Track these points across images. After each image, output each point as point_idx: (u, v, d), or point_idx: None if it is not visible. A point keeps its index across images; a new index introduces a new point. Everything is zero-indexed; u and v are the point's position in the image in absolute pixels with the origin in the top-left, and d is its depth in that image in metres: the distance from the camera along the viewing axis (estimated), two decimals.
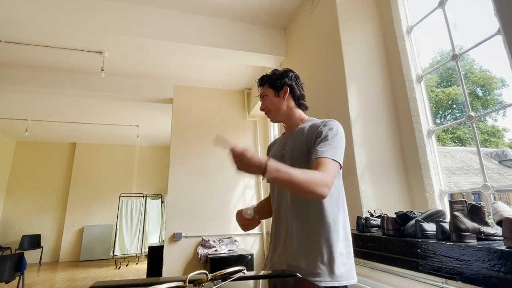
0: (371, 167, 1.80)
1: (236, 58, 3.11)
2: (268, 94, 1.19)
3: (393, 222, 1.32)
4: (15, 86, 3.73)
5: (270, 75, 1.22)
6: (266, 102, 1.20)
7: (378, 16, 2.13)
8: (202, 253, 3.66)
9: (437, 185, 1.64)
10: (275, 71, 1.22)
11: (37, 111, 5.25)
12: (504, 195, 1.68)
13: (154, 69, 3.91)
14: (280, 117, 1.20)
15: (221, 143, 0.94)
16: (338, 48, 2.03)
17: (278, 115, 1.19)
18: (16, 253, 3.60)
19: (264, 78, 1.22)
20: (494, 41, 1.35)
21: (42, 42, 3.20)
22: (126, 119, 5.90)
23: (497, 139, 1.96)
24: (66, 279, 5.09)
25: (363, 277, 1.56)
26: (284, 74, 1.20)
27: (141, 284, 0.62)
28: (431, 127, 1.74)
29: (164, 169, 8.14)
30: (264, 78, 1.22)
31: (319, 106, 2.27)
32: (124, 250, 6.59)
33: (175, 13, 2.84)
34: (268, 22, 3.07)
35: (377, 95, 1.96)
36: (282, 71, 1.22)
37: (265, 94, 1.20)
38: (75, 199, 7.42)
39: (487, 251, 0.89)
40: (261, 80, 1.23)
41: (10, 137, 7.19)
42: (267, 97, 1.20)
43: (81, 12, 2.56)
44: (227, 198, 4.11)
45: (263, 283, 0.69)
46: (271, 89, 1.19)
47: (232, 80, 4.28)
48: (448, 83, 2.24)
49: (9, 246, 6.71)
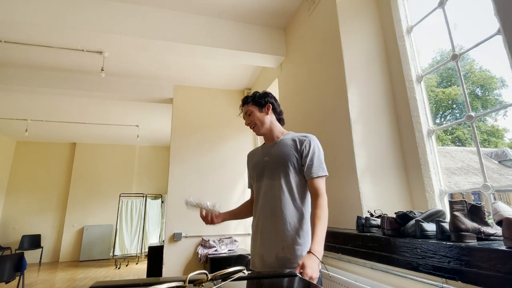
0: (371, 167, 1.80)
1: (236, 58, 3.11)
2: (253, 110, 1.38)
3: (393, 222, 1.32)
4: (15, 86, 3.73)
5: (253, 95, 1.40)
6: (252, 117, 1.37)
7: (378, 16, 2.13)
8: (202, 253, 3.66)
9: (437, 185, 1.64)
10: (256, 93, 1.41)
11: (37, 111, 5.25)
12: (504, 195, 1.67)
13: (154, 69, 3.91)
14: (264, 130, 1.38)
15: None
16: (338, 48, 2.03)
17: (262, 128, 1.37)
18: (16, 253, 3.60)
19: (248, 98, 1.41)
20: (494, 41, 1.35)
21: (42, 42, 3.19)
22: (126, 119, 5.90)
23: (497, 139, 1.96)
24: (66, 279, 5.09)
25: (363, 277, 1.56)
26: (265, 94, 1.40)
27: (141, 284, 0.62)
28: (431, 127, 1.74)
29: (164, 169, 8.14)
30: (248, 98, 1.41)
31: (319, 106, 2.27)
32: (124, 250, 6.59)
33: (175, 13, 2.84)
34: (268, 22, 3.06)
35: (377, 95, 1.96)
36: (263, 92, 1.41)
37: (251, 111, 1.38)
38: (75, 199, 7.42)
39: (487, 251, 0.89)
40: (245, 99, 1.41)
41: (10, 137, 7.18)
42: (252, 113, 1.38)
43: (81, 12, 2.56)
44: (227, 198, 4.11)
45: (263, 283, 0.69)
46: (255, 106, 1.38)
47: (232, 80, 4.28)
48: (448, 83, 2.24)
49: (9, 246, 6.71)
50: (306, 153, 1.27)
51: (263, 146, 1.45)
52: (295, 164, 1.28)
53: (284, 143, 1.33)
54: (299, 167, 1.28)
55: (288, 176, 1.27)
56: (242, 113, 1.43)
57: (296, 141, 1.31)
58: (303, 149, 1.28)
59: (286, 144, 1.33)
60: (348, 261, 1.69)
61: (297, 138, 1.33)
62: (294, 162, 1.28)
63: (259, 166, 1.37)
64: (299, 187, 1.26)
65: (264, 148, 1.41)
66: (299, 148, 1.29)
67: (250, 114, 1.38)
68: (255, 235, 1.32)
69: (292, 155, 1.28)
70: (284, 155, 1.29)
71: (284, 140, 1.35)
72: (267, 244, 1.23)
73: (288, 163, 1.27)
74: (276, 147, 1.34)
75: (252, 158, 1.46)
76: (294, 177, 1.27)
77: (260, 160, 1.37)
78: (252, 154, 1.50)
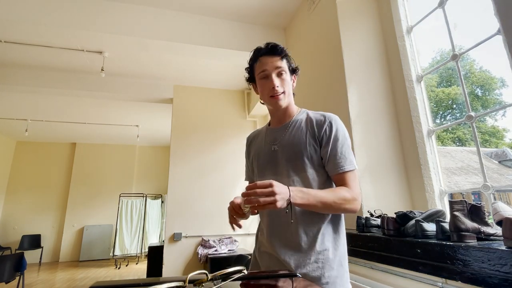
0: (371, 167, 1.80)
1: (236, 58, 3.11)
2: (286, 71, 1.00)
3: (393, 222, 1.32)
4: (15, 86, 3.73)
5: (284, 49, 1.01)
6: (284, 80, 0.98)
7: (378, 16, 2.13)
8: (202, 253, 3.66)
9: (437, 185, 1.64)
10: (285, 48, 1.02)
11: (37, 111, 5.25)
12: (504, 195, 1.67)
13: (154, 69, 3.91)
14: (286, 104, 1.01)
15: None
16: (338, 48, 2.03)
17: (286, 100, 1.00)
18: (16, 253, 3.60)
19: (282, 50, 1.00)
20: (494, 41, 1.35)
21: (42, 42, 3.19)
22: (126, 119, 5.90)
23: (497, 139, 1.95)
24: (66, 279, 5.09)
25: (363, 277, 1.56)
26: (291, 58, 1.05)
27: (141, 284, 0.62)
28: (431, 127, 1.74)
29: (164, 169, 8.14)
30: (282, 50, 1.00)
31: (319, 106, 2.27)
32: (124, 250, 6.59)
33: (175, 13, 2.84)
34: (268, 22, 3.06)
35: (377, 95, 1.96)
36: (289, 54, 1.05)
37: (284, 71, 0.99)
38: (75, 199, 7.42)
39: (487, 251, 0.89)
40: (274, 49, 0.99)
41: (10, 137, 7.18)
42: (286, 74, 0.99)
43: (81, 12, 2.56)
44: (227, 198, 4.10)
45: (263, 283, 0.69)
46: (288, 66, 1.01)
47: (232, 80, 4.28)
48: (448, 83, 2.24)
49: (9, 246, 6.71)
50: (326, 140, 0.94)
51: (268, 128, 1.09)
52: (312, 155, 0.95)
53: (296, 128, 1.00)
54: (318, 160, 0.95)
55: (304, 172, 0.95)
56: (264, 68, 0.98)
57: (313, 124, 0.98)
58: (322, 135, 0.95)
59: (299, 129, 0.99)
60: (348, 261, 1.69)
61: (314, 119, 0.99)
62: (311, 153, 0.95)
63: (264, 156, 1.03)
64: (320, 186, 0.95)
65: (271, 132, 1.06)
66: (317, 133, 0.96)
67: (283, 73, 0.99)
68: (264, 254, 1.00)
69: (308, 143, 0.95)
70: (297, 144, 0.96)
71: (297, 123, 1.01)
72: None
73: (302, 154, 0.95)
74: (289, 132, 1.00)
75: (253, 144, 1.13)
76: (312, 173, 0.95)
77: (265, 149, 1.04)
78: (253, 139, 1.15)
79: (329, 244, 0.92)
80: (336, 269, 0.91)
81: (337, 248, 0.94)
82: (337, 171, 0.92)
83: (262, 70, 0.99)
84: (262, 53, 1.00)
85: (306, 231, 0.92)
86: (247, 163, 1.18)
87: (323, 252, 0.90)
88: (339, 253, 0.94)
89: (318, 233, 0.92)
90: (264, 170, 1.02)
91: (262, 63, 0.99)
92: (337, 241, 0.95)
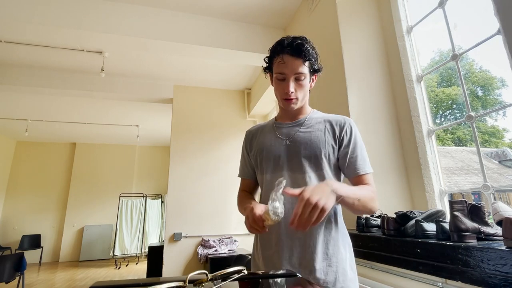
0: (371, 167, 1.80)
1: (236, 58, 3.11)
2: (305, 76, 0.93)
3: (393, 222, 1.32)
4: (15, 86, 3.73)
5: (311, 50, 0.94)
6: (302, 86, 0.94)
7: (378, 16, 2.13)
8: (202, 253, 3.66)
9: (437, 185, 1.64)
10: (311, 45, 0.95)
11: (37, 111, 5.25)
12: (504, 195, 1.67)
13: (154, 69, 3.91)
14: (299, 107, 0.99)
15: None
16: (338, 48, 2.03)
17: (299, 104, 0.97)
18: (16, 253, 3.61)
19: (306, 54, 0.91)
20: (494, 41, 1.35)
21: (42, 42, 3.19)
22: (126, 119, 5.90)
23: (497, 139, 1.95)
24: (66, 279, 5.09)
25: (363, 277, 1.56)
26: (317, 54, 0.97)
27: (141, 284, 0.62)
28: (431, 127, 1.74)
29: (164, 169, 8.14)
30: (306, 54, 0.91)
31: (319, 106, 2.26)
32: (124, 250, 6.59)
33: (175, 13, 2.84)
34: (268, 22, 3.06)
35: (377, 95, 1.96)
36: (316, 50, 0.97)
37: (304, 76, 0.93)
38: (75, 199, 7.42)
39: (487, 251, 0.89)
40: (298, 49, 0.90)
41: (10, 137, 7.18)
42: (304, 79, 0.93)
43: (81, 12, 2.55)
44: (227, 198, 4.11)
45: (263, 283, 0.69)
46: (308, 70, 0.94)
47: (232, 80, 4.28)
48: (448, 83, 2.23)
49: (9, 246, 6.71)
50: (347, 141, 0.94)
51: (276, 123, 1.05)
52: (329, 154, 0.93)
53: (315, 124, 0.98)
54: (334, 160, 0.95)
55: (321, 170, 0.92)
56: (283, 70, 0.91)
57: (332, 124, 0.96)
58: (343, 135, 0.94)
59: (318, 125, 0.97)
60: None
61: (334, 120, 0.97)
62: (329, 152, 0.93)
63: (275, 151, 0.97)
64: None
65: (281, 127, 1.02)
66: (337, 133, 0.94)
67: (303, 79, 0.93)
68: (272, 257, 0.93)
69: (327, 142, 0.93)
70: (315, 141, 0.93)
71: (314, 120, 0.99)
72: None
73: (321, 152, 0.92)
74: (304, 128, 0.97)
75: (256, 138, 1.07)
76: (328, 171, 0.93)
77: (275, 144, 0.99)
78: (256, 133, 1.09)
79: (341, 247, 0.93)
80: (349, 272, 0.91)
81: (347, 251, 0.95)
82: (358, 173, 0.93)
83: (280, 72, 0.93)
84: (286, 51, 0.92)
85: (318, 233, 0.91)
86: (246, 158, 1.11)
87: (335, 255, 0.90)
88: (349, 255, 0.95)
89: (329, 236, 0.91)
90: (274, 165, 0.97)
91: (282, 62, 0.92)
92: (346, 243, 0.96)
